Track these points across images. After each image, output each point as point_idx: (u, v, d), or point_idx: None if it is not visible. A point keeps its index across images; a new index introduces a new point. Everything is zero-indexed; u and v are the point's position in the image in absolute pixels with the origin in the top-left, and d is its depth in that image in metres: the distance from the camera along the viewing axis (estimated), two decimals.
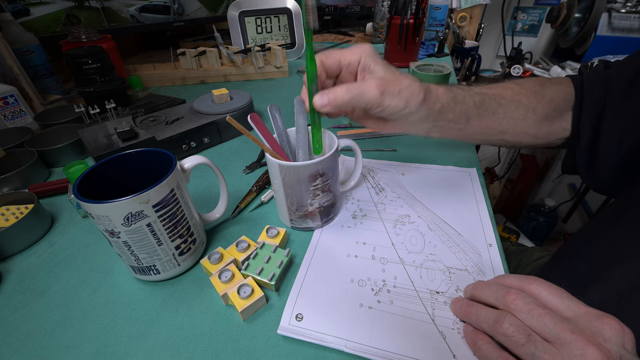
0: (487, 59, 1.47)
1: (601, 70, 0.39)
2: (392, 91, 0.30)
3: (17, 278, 0.36)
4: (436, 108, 0.33)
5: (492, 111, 0.37)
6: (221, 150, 0.58)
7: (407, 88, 0.31)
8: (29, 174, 0.49)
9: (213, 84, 0.87)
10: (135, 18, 0.91)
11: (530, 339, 0.22)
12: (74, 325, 0.30)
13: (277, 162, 0.33)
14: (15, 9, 0.72)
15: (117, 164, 0.33)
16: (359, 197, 0.44)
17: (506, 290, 0.25)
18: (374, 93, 0.30)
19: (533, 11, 1.34)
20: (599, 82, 0.38)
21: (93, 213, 0.27)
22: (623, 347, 0.21)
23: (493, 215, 0.40)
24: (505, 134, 0.39)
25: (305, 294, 0.32)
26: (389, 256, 0.35)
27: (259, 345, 0.28)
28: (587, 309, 0.23)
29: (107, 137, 0.50)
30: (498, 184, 1.68)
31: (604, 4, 0.97)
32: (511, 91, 0.39)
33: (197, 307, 0.32)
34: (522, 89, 0.39)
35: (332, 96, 0.30)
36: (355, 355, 0.27)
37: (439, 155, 0.52)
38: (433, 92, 0.33)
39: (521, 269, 0.61)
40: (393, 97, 0.30)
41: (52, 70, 0.76)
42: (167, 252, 0.32)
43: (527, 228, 1.44)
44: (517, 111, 0.38)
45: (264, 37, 0.99)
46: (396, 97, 0.31)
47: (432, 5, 1.07)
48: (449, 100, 0.34)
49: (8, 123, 0.61)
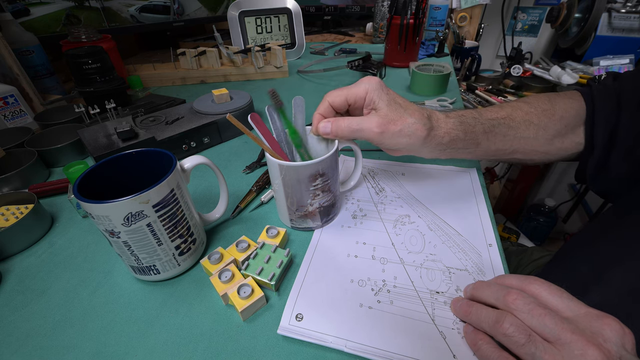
0: (487, 59, 1.47)
1: (610, 84, 0.39)
2: (392, 130, 0.31)
3: (17, 278, 0.36)
4: (444, 141, 0.34)
5: (502, 134, 0.37)
6: (221, 150, 0.58)
7: (409, 127, 0.31)
8: (29, 174, 0.49)
9: (213, 84, 0.87)
10: (135, 18, 0.91)
11: (531, 339, 0.22)
12: (74, 325, 0.30)
13: (277, 162, 0.33)
14: (15, 9, 0.72)
15: (117, 164, 0.33)
16: (359, 197, 0.44)
17: (506, 290, 0.25)
18: (373, 132, 0.30)
19: (533, 11, 1.34)
20: (609, 96, 0.38)
21: (93, 213, 0.27)
22: (623, 347, 0.21)
23: (493, 215, 0.40)
24: (516, 153, 0.39)
25: (305, 294, 0.32)
26: (389, 256, 0.35)
27: (259, 345, 0.28)
28: (588, 309, 0.23)
29: (107, 137, 0.50)
30: (498, 184, 1.68)
31: (604, 4, 0.97)
32: (521, 111, 0.38)
33: (197, 307, 0.31)
34: (532, 108, 0.39)
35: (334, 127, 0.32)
36: (355, 355, 0.27)
37: None
38: (442, 127, 0.33)
39: (521, 269, 0.61)
40: (392, 137, 0.31)
41: (52, 70, 0.76)
42: (167, 252, 0.32)
43: (527, 228, 1.44)
44: (528, 131, 0.38)
45: (264, 37, 0.99)
46: (396, 137, 0.31)
47: (432, 5, 1.07)
48: (458, 133, 0.34)
49: (8, 123, 0.61)
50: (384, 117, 0.31)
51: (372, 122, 0.30)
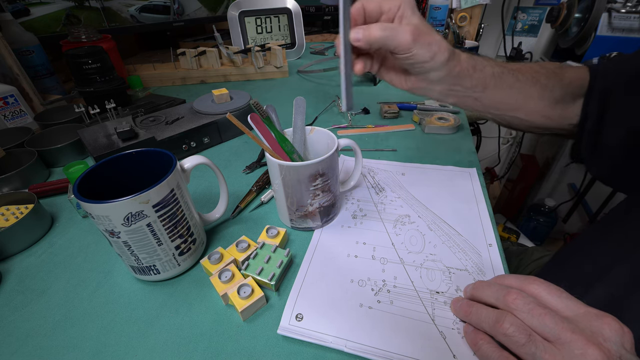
0: None
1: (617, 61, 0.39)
2: (423, 41, 0.31)
3: (17, 278, 0.36)
4: (455, 72, 0.34)
5: (509, 84, 0.37)
6: (221, 150, 0.58)
7: (437, 43, 0.32)
8: (29, 174, 0.49)
9: (213, 84, 0.87)
10: (135, 18, 0.91)
11: (531, 339, 0.22)
12: (74, 325, 0.30)
13: (277, 162, 0.33)
14: (15, 9, 0.72)
15: (117, 164, 0.33)
16: (359, 197, 0.44)
17: (506, 290, 0.25)
18: (406, 37, 0.30)
19: (533, 11, 1.34)
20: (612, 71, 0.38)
21: (93, 213, 0.27)
22: (623, 346, 0.21)
23: (493, 215, 0.40)
24: (519, 110, 0.39)
25: (305, 294, 0.32)
26: (389, 256, 0.35)
27: (259, 345, 0.28)
28: (587, 308, 0.23)
29: (107, 137, 0.50)
30: (498, 184, 1.68)
31: (604, 4, 0.97)
32: (531, 69, 0.39)
33: (197, 307, 0.31)
34: (542, 68, 0.39)
35: (367, 32, 0.31)
36: (355, 355, 0.27)
37: (439, 155, 0.52)
38: (457, 55, 0.34)
39: (521, 269, 0.61)
40: (422, 47, 0.31)
41: (52, 70, 0.76)
42: (167, 252, 0.32)
43: (527, 228, 1.44)
44: (534, 89, 0.38)
45: (264, 37, 0.99)
46: (425, 47, 0.31)
47: (432, 5, 1.07)
48: (469, 67, 0.35)
49: (8, 123, 0.61)
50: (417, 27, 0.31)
51: (407, 29, 0.31)
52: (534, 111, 0.39)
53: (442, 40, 0.33)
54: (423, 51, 0.31)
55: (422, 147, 0.55)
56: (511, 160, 1.59)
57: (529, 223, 1.43)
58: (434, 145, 0.55)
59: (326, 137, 0.39)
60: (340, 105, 0.68)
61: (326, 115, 0.67)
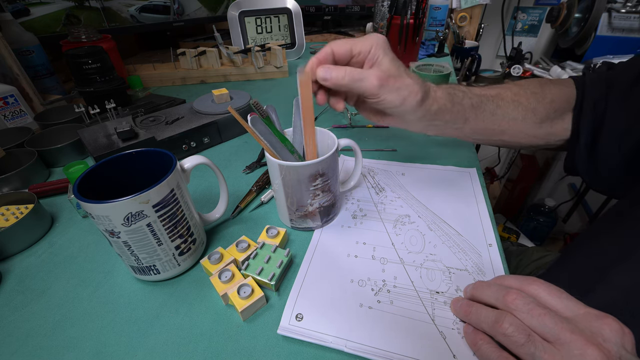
0: (487, 59, 1.47)
1: (604, 72, 0.39)
2: (392, 86, 0.31)
3: (17, 278, 0.36)
4: (433, 110, 0.34)
5: (490, 112, 0.37)
6: (221, 150, 0.58)
7: (407, 87, 0.31)
8: (29, 174, 0.49)
9: (213, 84, 0.87)
10: (135, 18, 0.91)
11: (530, 339, 0.22)
12: (74, 325, 0.30)
13: (277, 162, 0.33)
14: (15, 9, 0.72)
15: (117, 164, 0.33)
16: (359, 197, 0.44)
17: (506, 290, 0.25)
18: (372, 83, 0.30)
19: (533, 11, 1.34)
20: (600, 83, 0.38)
21: (93, 213, 0.27)
22: (623, 347, 0.21)
23: (493, 215, 0.40)
24: (504, 134, 0.39)
25: (305, 294, 0.32)
26: (389, 256, 0.35)
27: (259, 345, 0.28)
28: (587, 309, 0.23)
29: (107, 137, 0.50)
30: (498, 184, 1.68)
31: (604, 4, 0.97)
32: (510, 92, 0.39)
33: (197, 307, 0.32)
34: (522, 89, 0.39)
35: (334, 74, 0.30)
36: (355, 355, 0.27)
37: (439, 155, 0.52)
38: (431, 95, 0.34)
39: (521, 269, 0.61)
40: (391, 92, 0.31)
41: (52, 70, 0.76)
42: (167, 252, 0.32)
43: (527, 228, 1.44)
44: (516, 112, 0.38)
45: (264, 37, 0.99)
46: (394, 92, 0.31)
47: (432, 5, 1.07)
48: (446, 102, 0.35)
49: (8, 123, 0.61)
50: (386, 71, 0.31)
51: (373, 74, 0.30)
52: (520, 132, 0.39)
53: (414, 83, 0.32)
54: (392, 96, 0.31)
55: (422, 147, 0.55)
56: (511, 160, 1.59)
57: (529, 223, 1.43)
58: (434, 145, 0.55)
59: (326, 137, 0.39)
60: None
61: (326, 115, 0.67)
